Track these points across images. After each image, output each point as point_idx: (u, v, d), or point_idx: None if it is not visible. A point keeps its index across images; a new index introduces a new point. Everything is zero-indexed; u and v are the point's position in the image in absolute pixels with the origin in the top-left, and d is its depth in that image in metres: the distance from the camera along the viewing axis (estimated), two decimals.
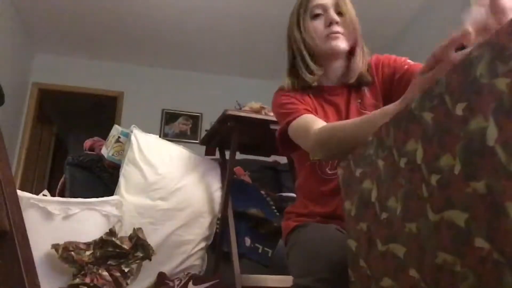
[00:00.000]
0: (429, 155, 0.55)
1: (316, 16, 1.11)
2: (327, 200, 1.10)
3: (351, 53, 1.13)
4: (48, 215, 1.70)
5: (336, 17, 1.09)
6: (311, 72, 1.11)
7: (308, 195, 1.16)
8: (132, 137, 2.11)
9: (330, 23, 1.08)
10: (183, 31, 4.46)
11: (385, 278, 0.63)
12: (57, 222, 1.72)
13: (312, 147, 0.95)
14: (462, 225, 0.49)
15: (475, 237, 0.47)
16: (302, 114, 1.04)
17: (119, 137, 2.19)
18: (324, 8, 1.10)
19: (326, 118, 1.10)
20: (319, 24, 1.10)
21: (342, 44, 1.09)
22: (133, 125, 2.20)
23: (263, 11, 4.08)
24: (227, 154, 2.11)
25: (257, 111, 2.07)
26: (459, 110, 0.50)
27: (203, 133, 3.02)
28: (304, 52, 1.12)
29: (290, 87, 1.15)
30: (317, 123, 0.98)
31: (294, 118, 1.04)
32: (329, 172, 1.11)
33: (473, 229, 0.47)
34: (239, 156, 2.22)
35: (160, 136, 2.99)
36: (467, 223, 0.48)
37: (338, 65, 1.14)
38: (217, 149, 2.34)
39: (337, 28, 1.08)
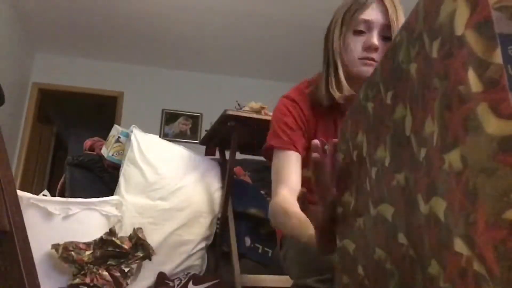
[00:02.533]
0: (370, 147, 0.52)
1: (359, 32, 0.98)
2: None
3: None
4: (48, 215, 1.70)
5: (377, 43, 0.96)
6: (340, 89, 1.01)
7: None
8: (132, 137, 2.11)
9: (368, 47, 0.97)
10: (183, 31, 4.46)
11: (344, 276, 0.62)
12: (57, 222, 1.72)
13: (270, 211, 1.00)
14: (390, 220, 0.46)
15: (398, 232, 0.44)
16: (286, 149, 1.03)
17: (119, 137, 2.19)
18: (369, 26, 0.97)
19: (326, 138, 1.06)
20: (358, 42, 0.98)
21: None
22: (133, 125, 2.20)
23: (263, 10, 4.08)
24: (227, 154, 2.11)
25: (257, 111, 2.07)
26: (389, 98, 0.47)
27: (203, 133, 3.02)
28: (339, 66, 1.01)
29: (304, 95, 1.08)
30: (289, 176, 1.00)
31: (279, 148, 1.04)
32: None
33: (397, 223, 0.44)
34: (239, 156, 2.22)
35: (160, 136, 2.99)
36: (393, 217, 0.45)
37: None
38: (217, 149, 2.34)
39: (373, 55, 0.97)
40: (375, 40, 0.96)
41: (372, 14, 0.97)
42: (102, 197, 1.88)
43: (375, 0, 0.98)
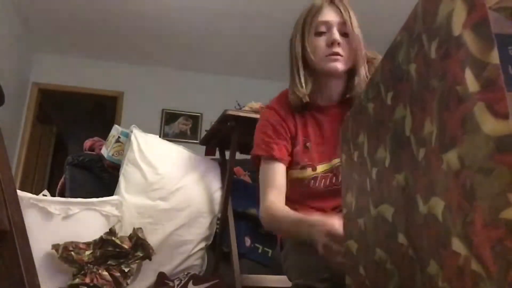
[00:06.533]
0: (371, 147, 0.52)
1: (319, 33, 1.08)
2: (314, 205, 1.12)
3: (351, 72, 1.11)
4: (48, 215, 1.70)
5: (338, 38, 1.06)
6: (302, 87, 1.10)
7: (295, 199, 1.15)
8: (132, 137, 2.11)
9: (331, 43, 1.06)
10: (183, 31, 4.46)
11: (347, 276, 0.62)
12: (57, 222, 1.72)
13: (261, 219, 1.09)
14: (390, 220, 0.46)
15: (398, 233, 0.44)
16: (271, 158, 1.10)
17: (119, 137, 2.19)
18: (329, 26, 1.07)
19: (306, 137, 1.14)
20: (321, 42, 1.07)
21: (340, 66, 1.06)
22: (133, 125, 2.20)
23: (263, 10, 4.08)
24: (227, 154, 2.11)
25: (257, 111, 2.07)
26: (389, 99, 0.47)
27: (203, 133, 3.02)
28: (300, 67, 1.10)
29: (283, 102, 1.16)
30: (275, 183, 1.08)
31: (262, 155, 1.12)
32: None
33: (397, 224, 0.44)
34: (239, 156, 2.22)
35: (160, 136, 2.98)
36: (393, 217, 0.45)
37: (334, 85, 1.12)
38: (217, 149, 2.34)
39: (337, 49, 1.06)
40: (337, 36, 1.06)
41: (328, 15, 1.08)
42: (102, 197, 1.88)
43: (328, 4, 1.10)
